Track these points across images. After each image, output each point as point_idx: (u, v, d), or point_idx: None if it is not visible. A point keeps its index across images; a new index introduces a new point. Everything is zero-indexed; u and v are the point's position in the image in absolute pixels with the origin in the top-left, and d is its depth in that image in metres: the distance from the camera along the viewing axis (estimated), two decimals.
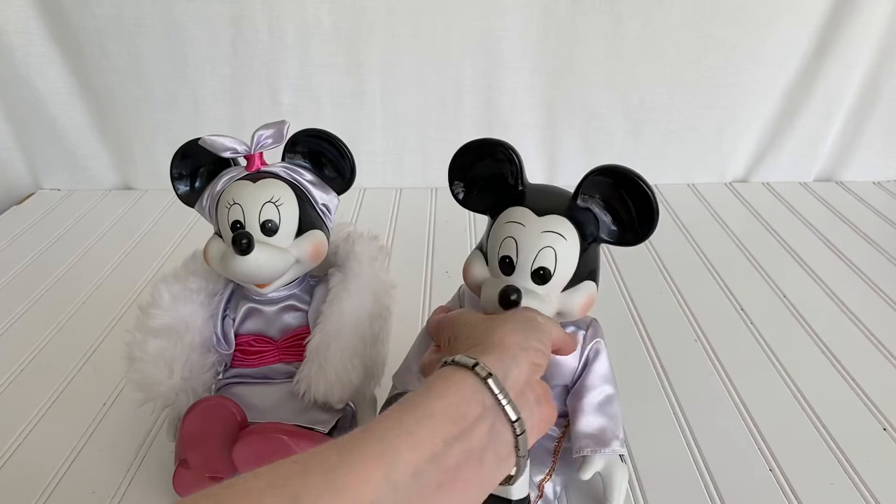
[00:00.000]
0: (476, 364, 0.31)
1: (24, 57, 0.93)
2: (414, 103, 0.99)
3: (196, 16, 0.90)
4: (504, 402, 0.31)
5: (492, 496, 0.39)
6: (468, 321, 0.38)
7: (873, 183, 1.06)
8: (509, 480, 0.33)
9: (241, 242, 0.44)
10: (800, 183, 1.06)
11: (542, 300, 0.41)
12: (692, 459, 0.53)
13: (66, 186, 1.06)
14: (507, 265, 0.42)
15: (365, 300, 0.49)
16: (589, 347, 0.46)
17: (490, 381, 0.31)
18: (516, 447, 0.32)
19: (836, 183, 1.06)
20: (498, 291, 0.40)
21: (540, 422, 0.34)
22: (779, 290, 0.76)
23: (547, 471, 0.46)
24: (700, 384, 0.61)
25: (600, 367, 0.46)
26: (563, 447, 0.48)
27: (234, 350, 0.52)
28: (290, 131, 0.50)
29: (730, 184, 1.06)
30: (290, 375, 0.50)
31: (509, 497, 0.39)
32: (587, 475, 0.45)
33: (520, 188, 0.44)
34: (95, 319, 0.72)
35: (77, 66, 0.95)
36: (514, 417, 0.31)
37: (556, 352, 0.41)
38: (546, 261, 0.41)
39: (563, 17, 0.92)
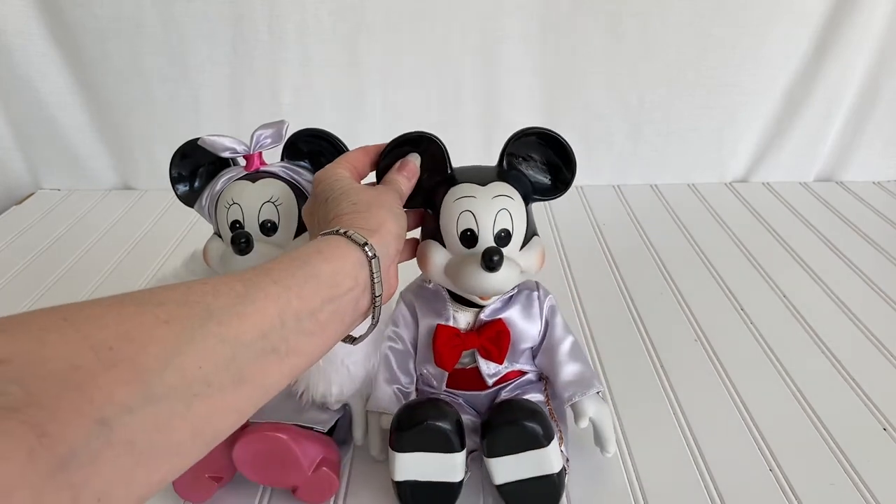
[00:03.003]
0: (366, 244, 0.37)
1: (24, 57, 0.93)
2: (414, 103, 0.99)
3: (196, 16, 0.90)
4: (376, 281, 0.37)
5: (538, 477, 0.44)
6: (349, 189, 0.42)
7: (873, 183, 1.06)
8: (353, 341, 0.40)
9: (241, 242, 0.44)
10: (800, 183, 1.06)
11: (514, 261, 0.43)
12: (692, 459, 0.53)
13: (66, 186, 1.06)
14: (469, 238, 0.44)
15: None
16: (546, 307, 0.49)
17: (372, 262, 0.37)
18: (372, 316, 0.39)
19: (836, 183, 1.06)
20: (479, 258, 0.42)
21: (388, 296, 0.40)
22: (779, 290, 0.76)
23: (558, 435, 0.47)
24: (700, 384, 0.61)
25: (559, 320, 0.50)
26: (553, 406, 0.49)
27: None
28: (290, 131, 0.50)
29: (730, 184, 1.06)
30: None
31: (553, 471, 0.44)
32: (584, 422, 0.47)
33: (449, 172, 0.46)
34: None
35: (77, 66, 0.95)
36: (378, 293, 0.38)
37: None
38: (505, 222, 0.44)
39: (563, 18, 0.92)
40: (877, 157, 1.05)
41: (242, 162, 0.50)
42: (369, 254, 0.37)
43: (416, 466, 0.45)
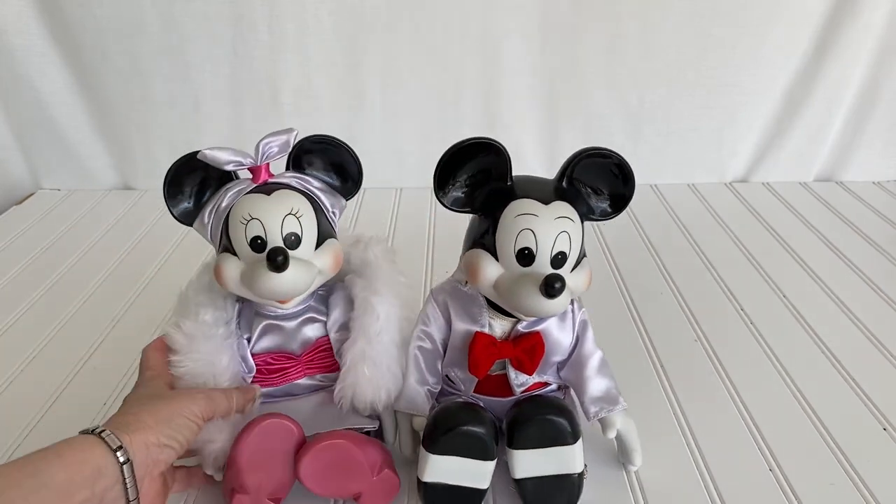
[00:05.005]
0: (120, 447, 0.36)
1: (24, 57, 0.93)
2: (414, 103, 0.99)
3: (196, 16, 0.90)
4: (129, 486, 0.36)
5: (559, 475, 0.45)
6: (152, 379, 0.44)
7: (873, 183, 1.06)
8: None
9: (278, 259, 0.42)
10: (800, 183, 1.06)
11: (567, 284, 0.42)
12: (692, 459, 0.53)
13: (66, 186, 1.06)
14: (527, 256, 0.42)
15: (393, 304, 0.49)
16: (578, 320, 0.49)
17: (125, 468, 0.36)
18: None
19: (836, 183, 1.06)
20: (539, 283, 0.41)
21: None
22: (779, 290, 0.76)
23: None
24: (700, 384, 0.62)
25: (590, 335, 0.50)
26: None
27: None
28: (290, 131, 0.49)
29: (730, 184, 1.06)
30: (313, 389, 0.50)
31: (574, 472, 0.45)
32: (612, 434, 0.48)
33: (509, 182, 0.45)
34: (95, 319, 0.72)
35: (77, 66, 0.95)
36: (132, 497, 0.37)
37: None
38: (563, 245, 0.43)
39: (563, 17, 0.92)
40: (877, 157, 1.05)
41: (245, 174, 0.47)
42: (120, 459, 0.36)
43: (448, 470, 0.45)
